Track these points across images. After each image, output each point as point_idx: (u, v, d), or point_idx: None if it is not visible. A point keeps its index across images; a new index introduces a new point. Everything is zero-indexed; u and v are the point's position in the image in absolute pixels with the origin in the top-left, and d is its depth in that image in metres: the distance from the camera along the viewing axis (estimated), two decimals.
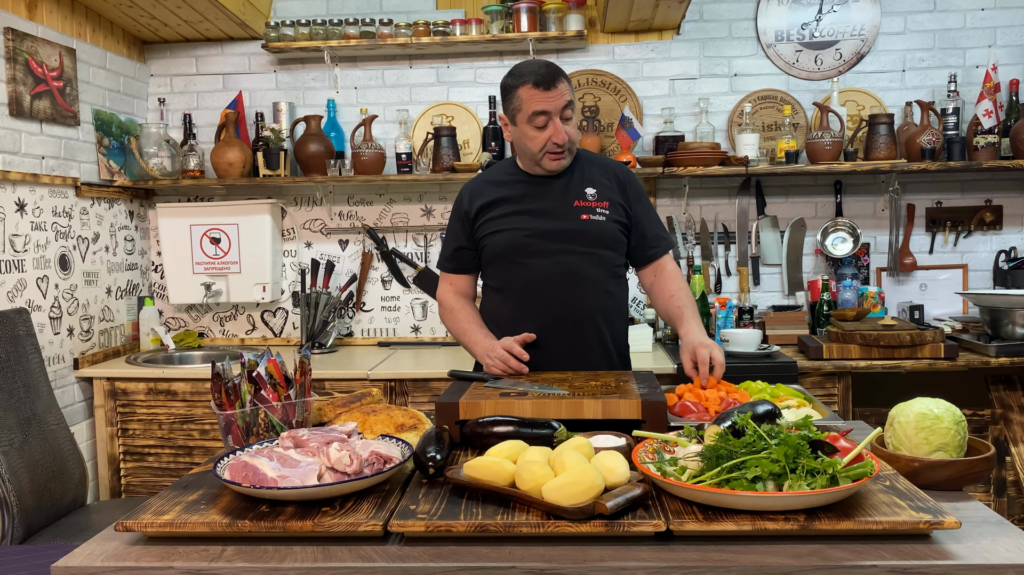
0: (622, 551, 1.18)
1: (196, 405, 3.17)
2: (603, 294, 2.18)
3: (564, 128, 2.07)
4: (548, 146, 2.08)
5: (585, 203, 2.16)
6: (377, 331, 3.80)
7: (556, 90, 2.06)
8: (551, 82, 2.06)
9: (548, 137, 2.07)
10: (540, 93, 2.05)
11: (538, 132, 2.08)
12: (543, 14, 3.50)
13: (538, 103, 2.05)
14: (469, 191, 2.25)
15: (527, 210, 2.16)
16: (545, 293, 2.13)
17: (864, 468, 1.26)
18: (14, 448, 2.36)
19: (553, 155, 2.10)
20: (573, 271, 2.13)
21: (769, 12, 3.60)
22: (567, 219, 2.14)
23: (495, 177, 2.26)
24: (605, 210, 2.16)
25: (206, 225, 3.64)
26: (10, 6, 2.86)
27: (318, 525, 1.23)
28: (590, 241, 2.15)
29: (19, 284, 2.90)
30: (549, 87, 2.05)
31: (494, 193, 2.20)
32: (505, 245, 2.16)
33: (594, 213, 2.16)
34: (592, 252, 2.15)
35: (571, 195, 2.16)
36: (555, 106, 2.06)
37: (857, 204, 3.63)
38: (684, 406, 1.74)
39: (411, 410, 1.73)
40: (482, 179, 2.28)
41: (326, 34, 3.55)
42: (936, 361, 2.99)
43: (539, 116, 2.06)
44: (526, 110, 2.07)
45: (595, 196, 2.17)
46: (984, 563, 1.13)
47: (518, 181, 2.21)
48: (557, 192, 2.17)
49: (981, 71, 3.51)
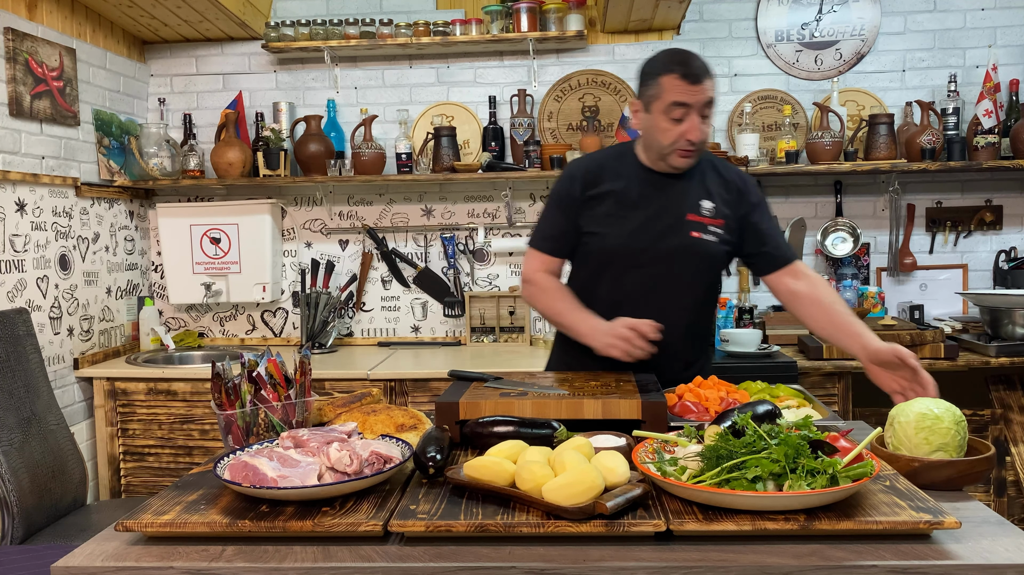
0: (622, 551, 1.18)
1: (196, 405, 3.17)
2: (693, 317, 2.09)
3: (700, 126, 1.95)
4: (680, 142, 1.96)
5: (698, 218, 2.04)
6: (377, 331, 3.80)
7: (701, 86, 1.93)
8: (698, 77, 1.92)
9: (682, 132, 1.94)
10: (685, 86, 1.92)
11: (673, 125, 1.95)
12: (543, 14, 3.50)
13: (680, 94, 1.92)
14: (583, 172, 2.09)
15: (637, 214, 2.03)
16: (635, 309, 2.00)
17: (864, 468, 1.26)
18: (14, 448, 2.36)
19: (683, 152, 1.98)
20: (666, 293, 2.04)
21: (769, 12, 3.60)
22: (675, 234, 2.03)
23: (613, 165, 2.09)
24: (718, 228, 2.05)
25: (206, 225, 3.64)
26: (10, 6, 2.86)
27: (318, 525, 1.23)
28: (693, 264, 2.04)
29: (19, 284, 2.90)
30: (696, 81, 1.92)
31: (609, 184, 2.06)
32: (604, 251, 2.05)
33: (705, 231, 2.04)
34: (692, 276, 2.05)
35: (686, 205, 2.04)
36: (697, 101, 1.93)
37: (857, 204, 3.63)
38: (684, 406, 1.74)
39: (411, 410, 1.73)
40: (599, 162, 2.12)
41: (326, 34, 3.55)
42: (936, 361, 2.99)
43: (678, 108, 1.93)
44: (665, 99, 1.94)
45: (711, 212, 2.05)
46: (984, 563, 1.13)
47: (636, 175, 2.07)
48: (673, 198, 2.04)
49: (981, 71, 3.51)
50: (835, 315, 1.98)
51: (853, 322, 1.95)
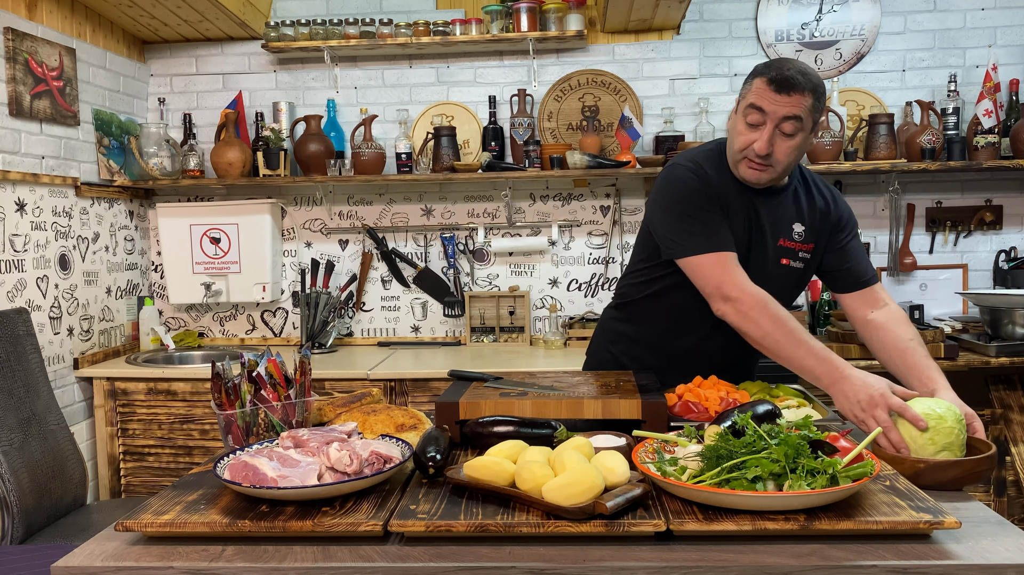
0: (622, 551, 1.18)
1: (196, 405, 3.17)
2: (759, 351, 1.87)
3: (776, 141, 1.79)
4: (748, 151, 1.82)
5: (790, 244, 1.93)
6: (377, 331, 3.80)
7: (788, 97, 1.76)
8: (787, 86, 1.76)
9: (751, 140, 1.81)
10: (768, 92, 1.77)
11: (747, 130, 1.82)
12: (543, 14, 3.50)
13: (760, 98, 1.78)
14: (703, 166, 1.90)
15: (736, 228, 1.87)
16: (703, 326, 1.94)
17: (864, 468, 1.26)
18: (14, 448, 2.36)
19: (751, 164, 1.84)
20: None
21: (769, 12, 3.60)
22: (765, 260, 1.91)
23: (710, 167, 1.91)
24: (807, 254, 1.95)
25: (206, 225, 3.64)
26: (10, 6, 2.86)
27: (318, 525, 1.23)
28: (778, 287, 1.87)
29: (19, 284, 2.90)
30: (781, 90, 1.76)
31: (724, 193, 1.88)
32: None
33: (795, 258, 1.94)
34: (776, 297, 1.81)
35: (780, 227, 1.92)
36: (774, 111, 1.77)
37: (857, 204, 3.62)
38: (684, 406, 1.74)
39: (411, 410, 1.73)
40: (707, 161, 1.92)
41: (326, 34, 3.55)
42: (936, 361, 2.97)
43: (753, 112, 1.80)
44: (746, 100, 1.82)
45: (802, 237, 1.94)
46: (984, 563, 1.13)
47: (732, 186, 1.90)
48: (769, 215, 1.91)
49: (981, 71, 3.51)
50: (909, 356, 1.86)
51: (928, 366, 1.82)
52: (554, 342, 3.54)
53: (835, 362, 1.65)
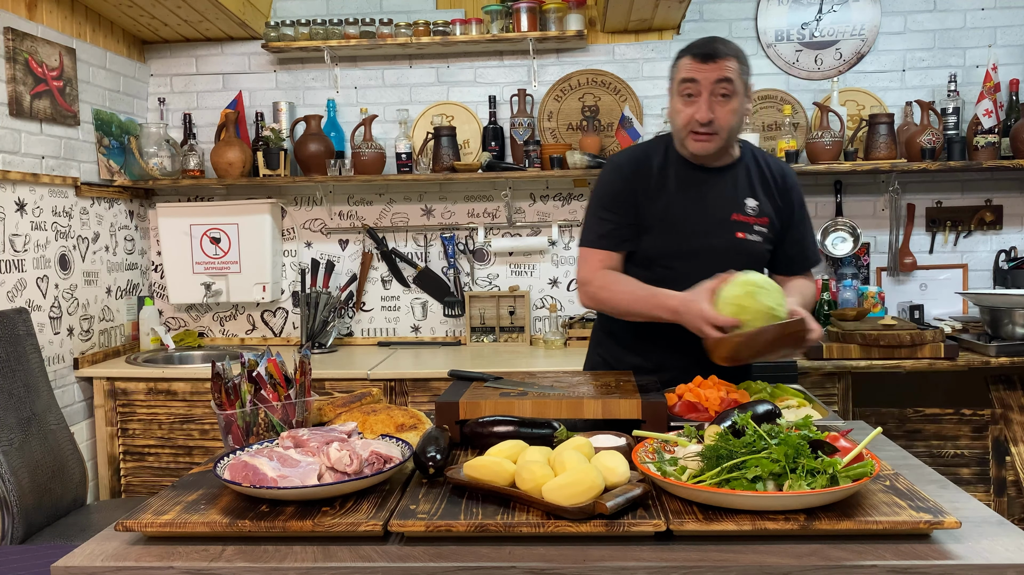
0: (622, 551, 1.18)
1: (196, 405, 3.17)
2: None
3: (714, 107, 1.87)
4: (691, 123, 1.89)
5: (744, 218, 1.98)
6: (377, 331, 3.80)
7: (714, 64, 1.86)
8: (710, 55, 1.86)
9: (692, 113, 1.88)
10: (694, 64, 1.87)
11: (684, 105, 1.90)
12: (543, 14, 3.50)
13: (688, 71, 1.88)
14: (631, 162, 2.02)
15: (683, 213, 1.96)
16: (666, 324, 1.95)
17: (864, 468, 1.26)
18: (14, 448, 2.36)
19: (696, 136, 1.90)
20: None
21: (769, 12, 3.60)
22: (721, 235, 1.97)
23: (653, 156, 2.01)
24: (763, 227, 2.00)
25: (206, 225, 3.64)
26: (10, 6, 2.86)
27: (318, 525, 1.23)
28: (737, 261, 1.92)
29: (19, 284, 2.90)
30: (706, 59, 1.86)
31: (652, 176, 1.98)
32: (652, 249, 1.98)
33: (751, 232, 1.99)
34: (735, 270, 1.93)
35: (731, 204, 1.98)
36: (705, 78, 1.86)
37: (857, 204, 3.63)
38: (684, 406, 1.74)
39: (411, 410, 1.73)
40: (641, 153, 2.04)
41: (326, 34, 3.55)
42: (936, 361, 2.99)
43: (687, 84, 1.88)
44: (677, 78, 1.91)
45: (756, 211, 1.99)
46: (984, 563, 1.13)
47: (678, 169, 1.99)
48: (718, 196, 1.98)
49: (981, 71, 3.51)
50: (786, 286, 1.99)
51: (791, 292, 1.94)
52: (554, 342, 3.54)
53: (664, 301, 1.86)
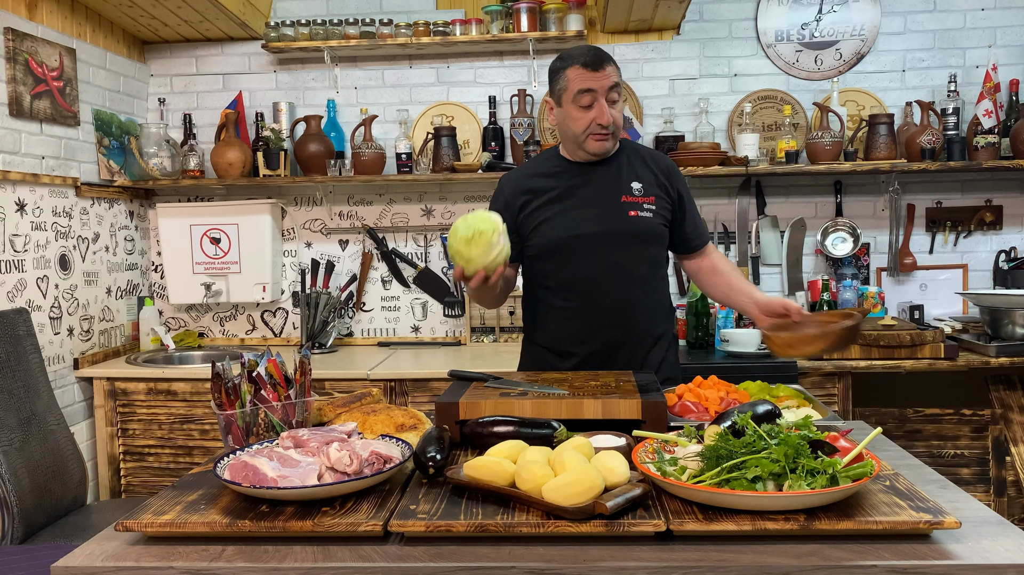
0: (622, 551, 1.18)
1: (196, 405, 3.17)
2: (650, 291, 2.19)
3: (609, 110, 2.07)
4: (592, 127, 2.08)
5: (632, 199, 2.15)
6: (377, 331, 3.80)
7: (604, 71, 2.06)
8: (599, 63, 2.06)
9: (593, 118, 2.07)
10: (588, 73, 2.05)
11: (583, 112, 2.08)
12: (543, 14, 3.50)
13: (585, 82, 2.06)
14: (512, 183, 2.22)
15: (573, 204, 2.15)
16: (592, 292, 2.14)
17: (864, 468, 1.26)
18: (14, 448, 2.36)
19: (597, 136, 2.09)
20: (621, 270, 2.14)
21: (769, 12, 3.60)
22: (614, 216, 2.14)
23: (538, 168, 2.23)
24: (651, 205, 2.16)
25: (206, 225, 3.64)
26: (10, 6, 2.86)
27: (318, 525, 1.23)
28: (637, 239, 2.15)
29: (19, 284, 2.90)
30: (597, 68, 2.05)
31: (538, 184, 2.18)
32: (551, 243, 2.15)
33: (641, 209, 2.15)
34: (639, 250, 2.16)
35: (618, 189, 2.15)
36: (601, 86, 2.06)
37: (857, 204, 3.63)
38: (684, 406, 1.74)
39: (411, 410, 1.73)
40: (523, 171, 2.26)
41: (326, 34, 3.55)
42: (936, 361, 2.99)
43: (585, 95, 2.06)
44: (572, 89, 2.08)
45: (641, 191, 2.16)
46: (984, 563, 1.13)
47: (563, 171, 2.19)
48: (603, 184, 2.16)
49: (981, 71, 3.51)
50: (730, 279, 2.21)
51: (744, 284, 2.18)
52: None
53: None
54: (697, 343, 3.35)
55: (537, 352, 2.26)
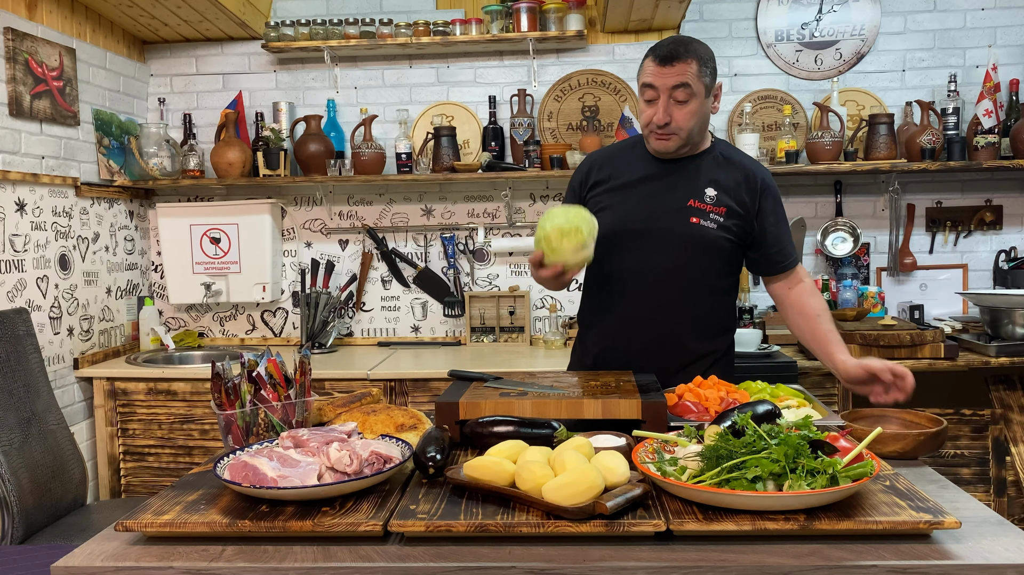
0: (622, 551, 1.18)
1: (196, 405, 3.17)
2: (697, 304, 2.07)
3: (672, 110, 1.96)
4: (651, 125, 2.00)
5: (700, 204, 2.04)
6: (377, 331, 3.80)
7: (672, 67, 1.93)
8: (669, 58, 1.93)
9: (651, 116, 1.98)
10: (654, 67, 1.95)
11: (646, 106, 2.00)
12: (543, 14, 3.50)
13: (648, 75, 1.97)
14: (591, 162, 2.17)
15: (637, 197, 2.07)
16: (630, 291, 2.06)
17: (864, 468, 1.26)
18: (14, 448, 2.36)
19: (657, 135, 2.01)
20: (668, 275, 2.05)
21: (769, 12, 3.60)
22: (675, 219, 2.04)
23: (622, 152, 2.16)
24: (719, 216, 2.04)
25: (206, 225, 3.64)
26: (10, 6, 2.86)
27: (318, 525, 1.23)
28: (690, 247, 2.03)
29: (19, 284, 2.90)
30: (665, 63, 1.93)
31: (614, 168, 2.12)
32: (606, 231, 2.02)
33: (706, 218, 2.03)
34: (690, 259, 2.04)
35: (690, 190, 2.05)
36: (663, 83, 1.94)
37: (857, 204, 3.63)
38: (684, 406, 1.74)
39: (411, 410, 1.73)
40: (609, 151, 2.19)
41: (326, 34, 3.55)
42: (936, 361, 2.99)
43: (647, 90, 1.98)
44: (640, 80, 2.01)
45: (714, 200, 2.04)
46: (984, 563, 1.13)
47: (641, 161, 2.10)
48: (678, 181, 2.06)
49: (981, 71, 3.51)
50: (817, 328, 2.03)
51: (829, 335, 2.00)
52: (554, 342, 3.54)
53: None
54: None
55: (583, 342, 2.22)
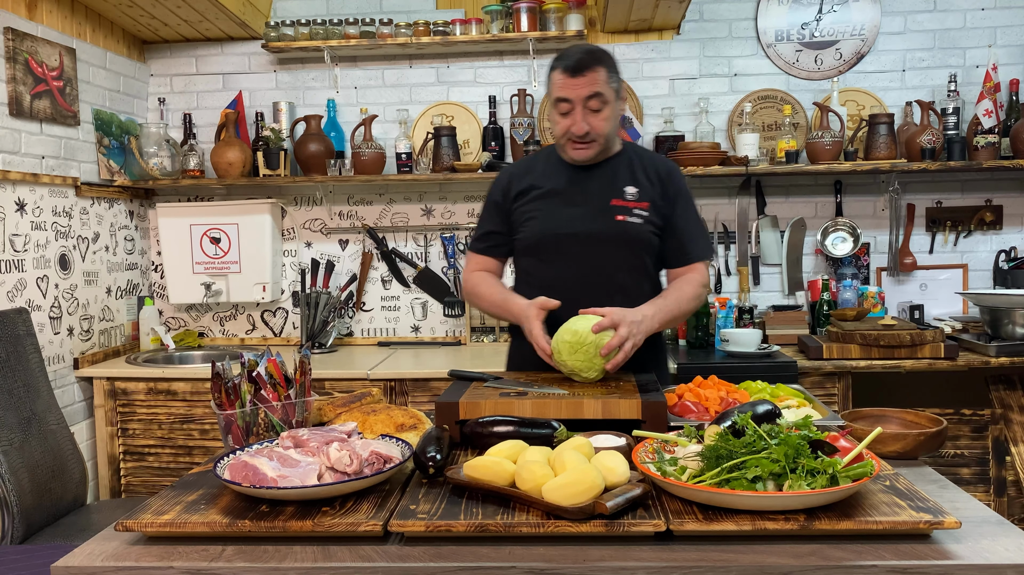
0: (622, 551, 1.18)
1: (196, 405, 3.17)
2: (634, 299, 2.06)
3: (588, 119, 2.01)
4: (568, 134, 2.04)
5: (623, 203, 2.10)
6: (377, 331, 3.80)
7: (583, 78, 1.98)
8: (579, 69, 1.98)
9: (568, 126, 2.03)
10: (567, 80, 2.00)
11: (561, 118, 2.05)
12: (543, 14, 3.50)
13: (561, 89, 2.01)
14: (509, 174, 2.21)
15: (562, 203, 2.11)
16: (571, 293, 2.06)
17: (864, 468, 1.26)
18: (14, 448, 2.36)
19: (574, 144, 2.06)
20: (601, 273, 2.10)
21: (769, 12, 3.60)
22: (600, 218, 2.10)
23: (536, 164, 2.21)
24: (643, 211, 2.10)
25: (206, 225, 3.64)
26: (10, 6, 2.86)
27: (318, 525, 1.23)
28: (622, 243, 2.10)
29: (19, 284, 2.90)
30: (576, 74, 1.98)
31: (534, 179, 2.16)
32: (536, 238, 2.12)
33: (630, 214, 2.10)
34: (623, 255, 2.10)
35: (611, 191, 2.11)
36: (578, 95, 1.99)
37: (857, 204, 3.63)
38: (684, 406, 1.74)
39: (411, 410, 1.73)
40: (522, 165, 2.24)
41: (326, 34, 3.55)
42: (936, 361, 2.98)
43: (561, 103, 2.02)
44: (552, 94, 2.05)
45: (635, 196, 2.11)
46: (984, 563, 1.13)
47: (558, 170, 2.15)
48: (597, 185, 2.12)
49: (981, 71, 3.51)
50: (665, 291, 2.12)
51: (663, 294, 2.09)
52: None
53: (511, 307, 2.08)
54: (697, 343, 3.35)
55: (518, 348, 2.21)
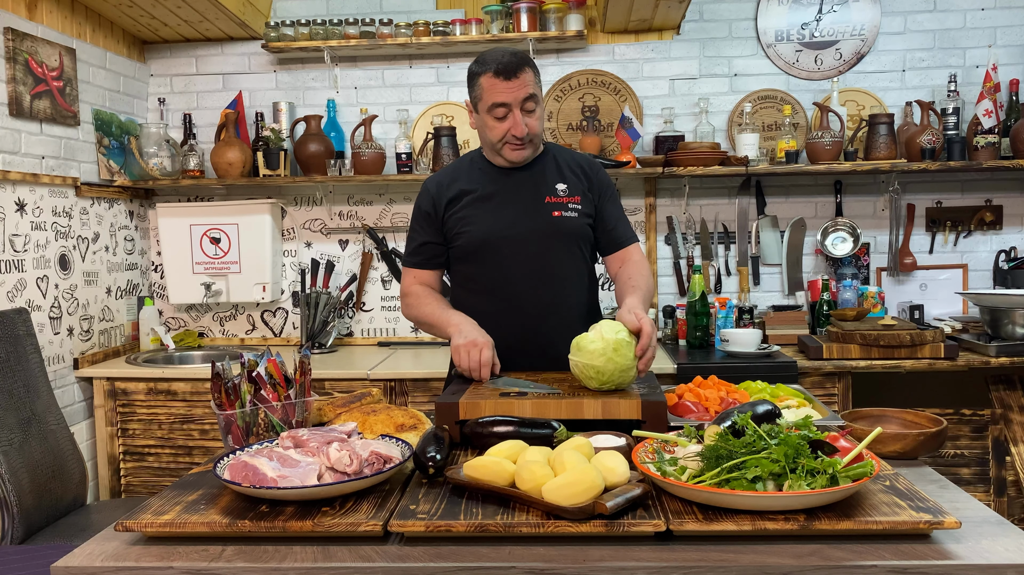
0: (622, 551, 1.18)
1: (196, 405, 3.17)
2: (577, 291, 2.17)
3: (524, 120, 2.03)
4: (507, 137, 2.05)
5: (556, 199, 2.13)
6: (377, 331, 3.80)
7: (517, 80, 2.00)
8: (512, 72, 1.99)
9: (507, 129, 2.04)
10: (500, 83, 2.00)
11: (498, 123, 2.04)
12: (543, 14, 3.50)
13: (498, 94, 2.01)
14: (436, 183, 2.20)
15: (497, 205, 2.12)
16: (519, 292, 2.11)
17: (864, 468, 1.26)
18: (14, 448, 2.36)
19: (513, 146, 2.07)
20: (546, 269, 2.11)
21: (769, 12, 3.60)
22: (537, 216, 2.11)
23: (462, 171, 2.20)
24: (577, 205, 2.14)
25: (206, 225, 3.64)
26: (10, 6, 2.86)
27: (318, 525, 1.23)
28: (562, 238, 2.12)
29: (19, 284, 2.90)
30: (510, 77, 1.99)
31: (462, 186, 2.16)
32: (476, 243, 2.12)
33: (565, 209, 2.13)
34: (564, 250, 2.13)
35: (542, 190, 2.13)
36: (515, 97, 2.01)
37: (857, 204, 3.63)
38: (684, 406, 1.74)
39: (411, 410, 1.73)
40: (448, 173, 2.23)
41: (326, 34, 3.55)
42: (936, 361, 2.98)
43: (498, 108, 2.02)
44: (486, 100, 2.03)
45: (566, 191, 2.14)
46: (984, 563, 1.13)
47: (486, 174, 2.16)
48: (527, 186, 2.14)
49: (981, 71, 3.51)
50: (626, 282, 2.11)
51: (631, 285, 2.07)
52: None
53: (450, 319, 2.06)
54: (697, 343, 3.35)
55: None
